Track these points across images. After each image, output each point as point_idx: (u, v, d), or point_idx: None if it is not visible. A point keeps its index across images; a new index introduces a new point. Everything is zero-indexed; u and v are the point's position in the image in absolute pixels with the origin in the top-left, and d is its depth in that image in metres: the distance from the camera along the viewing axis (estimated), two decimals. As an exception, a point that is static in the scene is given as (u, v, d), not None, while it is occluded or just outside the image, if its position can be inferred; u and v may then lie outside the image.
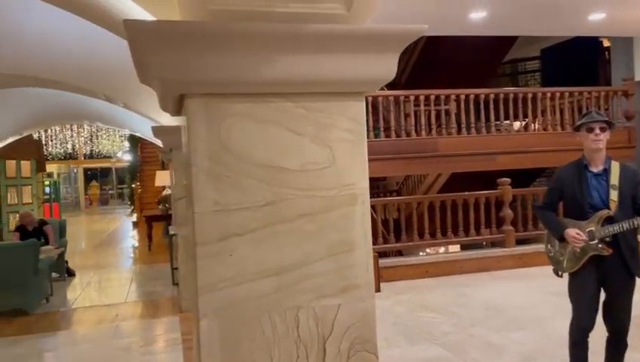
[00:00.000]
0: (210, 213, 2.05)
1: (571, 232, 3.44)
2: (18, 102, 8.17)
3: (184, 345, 4.64)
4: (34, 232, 7.72)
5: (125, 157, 27.48)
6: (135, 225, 18.10)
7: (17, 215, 14.48)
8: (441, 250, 9.07)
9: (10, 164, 14.71)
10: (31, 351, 4.77)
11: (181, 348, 4.58)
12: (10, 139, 9.27)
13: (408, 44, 2.16)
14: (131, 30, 1.85)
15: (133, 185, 19.78)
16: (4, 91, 7.10)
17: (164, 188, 14.00)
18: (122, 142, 27.12)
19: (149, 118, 6.06)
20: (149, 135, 9.83)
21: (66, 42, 5.22)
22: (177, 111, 2.51)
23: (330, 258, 2.16)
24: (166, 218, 12.40)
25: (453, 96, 8.25)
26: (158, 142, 9.61)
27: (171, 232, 7.53)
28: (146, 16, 1.99)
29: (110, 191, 34.75)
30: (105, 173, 34.04)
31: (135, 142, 19.98)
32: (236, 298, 2.06)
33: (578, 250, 3.47)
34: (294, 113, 2.11)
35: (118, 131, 25.54)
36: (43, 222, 8.18)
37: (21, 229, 7.80)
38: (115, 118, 9.34)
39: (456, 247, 8.84)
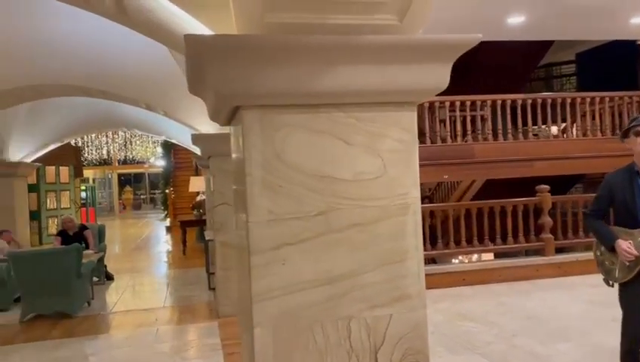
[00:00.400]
0: (265, 222, 2.08)
1: (623, 245, 3.33)
2: (61, 110, 8.44)
3: (224, 350, 4.69)
4: (74, 237, 7.94)
5: (158, 163, 28.02)
6: (168, 229, 18.41)
7: (58, 219, 14.92)
8: (474, 258, 8.94)
9: (50, 170, 15.17)
10: (76, 353, 4.90)
11: (221, 353, 4.63)
12: (52, 146, 9.57)
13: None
14: (191, 44, 1.90)
15: (167, 191, 20.12)
16: (49, 100, 7.35)
17: (197, 193, 14.23)
18: (155, 148, 27.64)
19: (187, 125, 6.19)
20: (185, 142, 10.02)
21: (112, 53, 5.38)
22: (228, 121, 2.56)
23: (381, 268, 2.16)
24: (200, 223, 12.59)
25: (489, 102, 8.14)
26: (195, 149, 9.77)
27: (207, 238, 7.64)
28: (205, 30, 2.04)
29: (142, 197, 35.46)
30: (138, 178, 34.78)
31: (168, 148, 20.35)
32: (289, 307, 2.09)
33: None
34: (346, 123, 2.13)
35: (152, 138, 26.06)
36: (83, 227, 8.40)
37: (62, 234, 8.03)
38: (151, 125, 9.56)
39: (490, 256, 8.70)
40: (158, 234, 17.94)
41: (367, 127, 2.14)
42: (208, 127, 6.01)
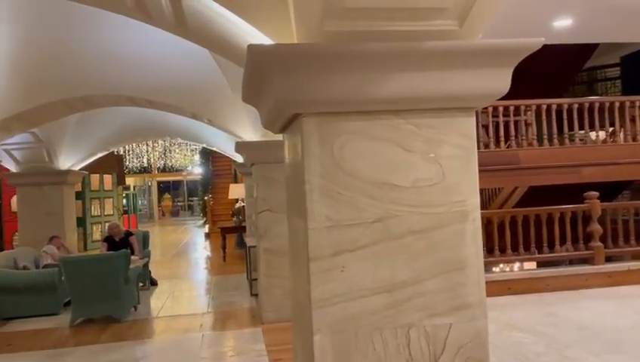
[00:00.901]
0: (323, 228, 2.09)
1: None
2: (108, 120, 8.72)
3: (270, 356, 4.72)
4: (120, 243, 8.15)
5: (195, 170, 28.55)
6: (207, 236, 18.69)
7: (101, 226, 15.35)
8: (515, 267, 8.71)
9: (94, 178, 15.66)
10: (126, 357, 5.01)
11: (267, 359, 4.65)
12: (99, 155, 9.88)
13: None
14: (254, 54, 1.94)
15: (205, 198, 20.45)
16: (96, 111, 7.60)
17: (236, 200, 14.41)
18: (193, 156, 28.15)
19: (231, 133, 6.29)
20: (225, 149, 10.18)
21: (159, 64, 5.53)
22: (283, 129, 2.59)
23: (441, 276, 2.14)
24: (239, 230, 12.74)
25: (533, 106, 7.97)
26: (235, 156, 9.90)
27: (249, 244, 7.72)
28: (265, 40, 2.07)
29: (180, 204, 36.15)
30: (176, 185, 35.49)
31: (207, 156, 20.72)
32: (349, 314, 2.08)
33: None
34: (405, 130, 2.12)
35: (190, 146, 26.58)
36: (129, 233, 8.62)
37: (109, 240, 8.26)
38: (193, 134, 9.76)
39: (532, 264, 8.47)
40: (197, 241, 18.22)
41: (426, 133, 2.13)
42: (252, 134, 6.10)
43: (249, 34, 2.18)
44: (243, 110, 5.97)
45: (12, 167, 8.65)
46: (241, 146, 6.15)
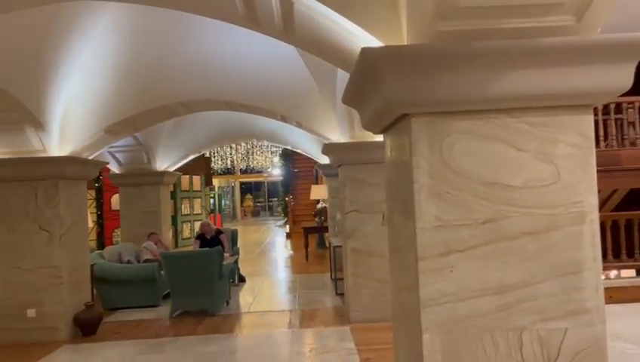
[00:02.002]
0: (432, 228, 2.09)
1: None
2: (200, 124, 9.20)
3: (360, 355, 4.76)
4: (212, 240, 8.55)
5: (275, 172, 29.28)
6: (288, 236, 19.11)
7: (191, 224, 16.16)
8: (611, 274, 8.14)
9: (184, 179, 16.50)
10: (222, 349, 5.26)
11: (357, 358, 4.70)
12: (191, 157, 10.43)
13: None
14: (366, 56, 1.99)
15: (286, 199, 20.93)
16: (190, 115, 8.03)
17: (317, 201, 14.63)
18: (273, 158, 28.89)
19: (319, 135, 6.41)
20: (309, 151, 10.36)
21: (252, 69, 5.76)
22: (385, 130, 2.62)
23: (555, 279, 2.07)
24: (321, 230, 12.93)
25: (637, 104, 7.42)
26: (319, 158, 10.05)
27: (335, 244, 7.82)
28: (374, 42, 2.12)
29: (260, 204, 37.23)
30: (257, 186, 36.61)
31: (287, 157, 21.21)
32: (458, 314, 2.08)
33: None
34: (517, 129, 2.08)
35: (270, 148, 27.29)
36: (219, 231, 9.02)
37: (201, 238, 8.70)
38: (279, 136, 10.03)
39: (630, 272, 7.88)
40: (279, 240, 18.67)
41: (539, 132, 2.08)
42: (339, 136, 6.18)
43: (357, 36, 2.23)
44: (332, 112, 6.07)
45: (115, 169, 9.34)
46: (329, 148, 6.25)
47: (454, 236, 2.09)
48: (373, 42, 2.11)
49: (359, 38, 2.19)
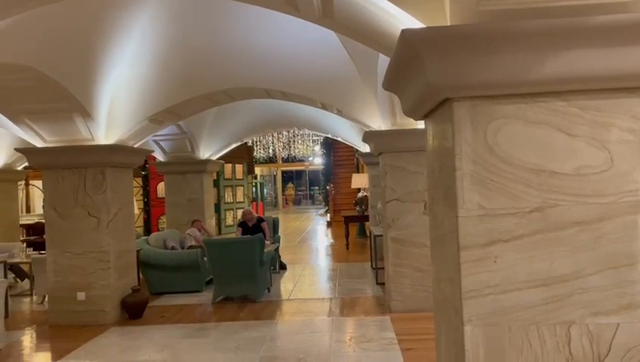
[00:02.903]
0: (475, 217, 2.02)
1: None
2: (242, 113, 9.27)
3: (401, 345, 4.71)
4: (253, 228, 8.65)
5: (316, 161, 29.35)
6: (329, 224, 19.16)
7: (233, 212, 16.42)
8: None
9: (227, 167, 16.74)
10: (263, 335, 5.32)
11: (398, 348, 4.65)
12: (233, 146, 10.55)
13: None
14: (407, 38, 1.92)
15: (327, 187, 20.95)
16: (232, 104, 8.10)
17: (358, 190, 14.56)
18: (314, 147, 28.93)
19: (359, 122, 6.34)
20: (350, 139, 10.30)
21: (292, 57, 5.73)
22: (427, 116, 2.54)
23: (607, 271, 1.96)
24: (362, 219, 12.88)
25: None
26: (360, 146, 9.98)
27: (376, 233, 7.76)
28: (416, 24, 2.04)
29: (301, 193, 37.44)
30: (299, 175, 36.83)
31: (329, 146, 21.19)
32: (502, 306, 2.00)
33: None
34: (567, 113, 1.97)
35: (312, 137, 27.34)
36: (260, 219, 9.12)
37: (243, 225, 8.81)
38: (319, 124, 10.01)
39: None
40: (320, 229, 18.74)
41: (591, 116, 1.96)
42: (380, 123, 6.09)
43: (398, 18, 2.16)
44: (373, 99, 5.98)
45: (161, 157, 9.57)
46: (369, 135, 6.18)
47: (499, 225, 2.01)
48: (415, 24, 2.04)
49: (400, 20, 2.12)
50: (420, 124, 5.94)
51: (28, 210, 14.29)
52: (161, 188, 12.95)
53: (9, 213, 9.73)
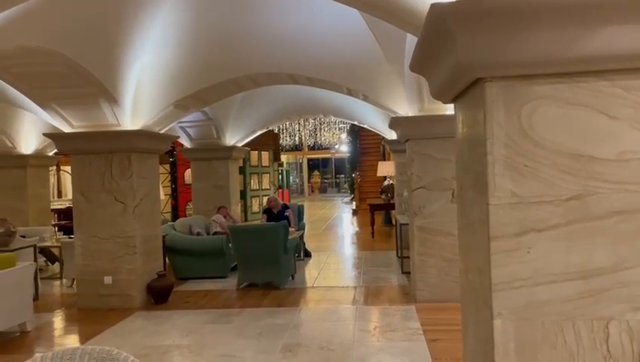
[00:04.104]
0: (507, 205, 1.90)
1: None
2: (267, 99, 9.21)
3: (426, 336, 4.61)
4: (278, 215, 8.62)
5: (342, 148, 29.20)
6: (354, 212, 19.06)
7: (259, 199, 16.46)
8: None
9: (254, 154, 16.77)
10: (287, 322, 5.29)
11: (423, 338, 4.56)
12: (259, 132, 10.52)
13: None
14: (436, 13, 1.80)
15: (353, 175, 20.82)
16: (257, 90, 8.04)
17: (384, 178, 14.41)
18: (340, 135, 28.81)
19: (385, 108, 6.20)
20: (376, 126, 10.14)
21: (317, 41, 5.63)
22: (456, 98, 2.42)
23: (650, 264, 1.83)
24: (388, 207, 12.74)
25: None
26: (386, 133, 9.83)
27: (401, 221, 7.64)
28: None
29: (327, 180, 37.35)
30: (325, 163, 36.73)
31: (355, 134, 21.03)
32: (535, 300, 1.88)
33: None
34: (610, 94, 1.83)
35: (338, 124, 27.20)
36: (285, 207, 9.08)
37: (268, 212, 8.79)
38: (346, 111, 9.88)
39: None
40: (345, 217, 18.67)
41: (636, 97, 1.81)
42: (407, 109, 5.94)
43: (427, -5, 2.04)
44: (400, 84, 5.84)
45: (187, 143, 9.60)
46: (396, 122, 6.04)
47: (532, 214, 1.88)
48: (444, -1, 1.91)
49: (428, -5, 2.00)
50: (449, 110, 5.80)
51: (60, 195, 14.60)
52: (188, 175, 13.04)
53: (41, 198, 9.94)
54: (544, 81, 1.86)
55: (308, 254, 9.32)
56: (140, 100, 5.83)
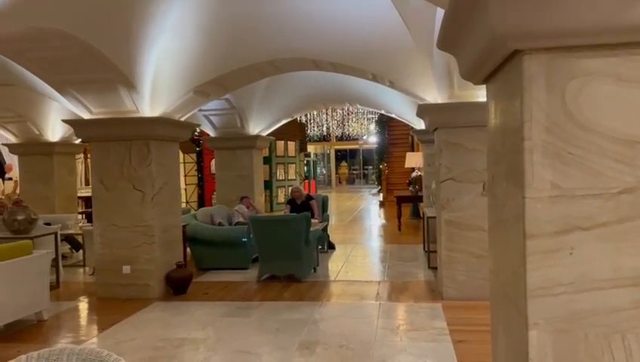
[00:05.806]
0: (547, 198, 1.63)
1: None
2: (291, 87, 9.00)
3: (452, 336, 4.35)
4: (302, 206, 8.44)
5: (370, 139, 28.82)
6: (381, 204, 18.75)
7: (285, 189, 16.33)
8: None
9: (280, 144, 16.65)
10: (307, 316, 5.10)
11: (449, 339, 4.30)
12: (283, 121, 10.33)
13: None
14: (466, -26, 1.55)
15: (381, 166, 20.48)
16: (281, 77, 7.84)
17: (412, 169, 14.06)
18: (369, 125, 28.46)
19: (413, 95, 5.91)
20: (404, 115, 9.83)
21: (341, 26, 5.39)
22: (489, 78, 2.15)
23: None
24: (415, 199, 12.41)
25: None
26: (414, 123, 9.50)
27: (429, 215, 7.35)
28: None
29: (355, 172, 37.01)
30: (353, 154, 36.39)
31: (383, 125, 20.65)
32: (578, 309, 1.62)
33: None
34: (673, 68, 1.54)
35: (366, 115, 26.83)
36: (309, 197, 8.89)
37: (291, 203, 8.62)
38: (372, 99, 9.59)
39: None
40: (372, 209, 18.39)
41: None
42: (436, 96, 5.64)
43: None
44: (428, 70, 5.53)
45: (211, 132, 9.48)
46: (423, 109, 5.75)
47: (577, 209, 1.62)
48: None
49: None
50: (481, 97, 5.46)
51: (87, 183, 14.76)
52: (214, 164, 13.00)
53: (67, 186, 10.00)
54: (594, 54, 1.58)
55: (332, 246, 9.11)
56: (158, 86, 5.69)
